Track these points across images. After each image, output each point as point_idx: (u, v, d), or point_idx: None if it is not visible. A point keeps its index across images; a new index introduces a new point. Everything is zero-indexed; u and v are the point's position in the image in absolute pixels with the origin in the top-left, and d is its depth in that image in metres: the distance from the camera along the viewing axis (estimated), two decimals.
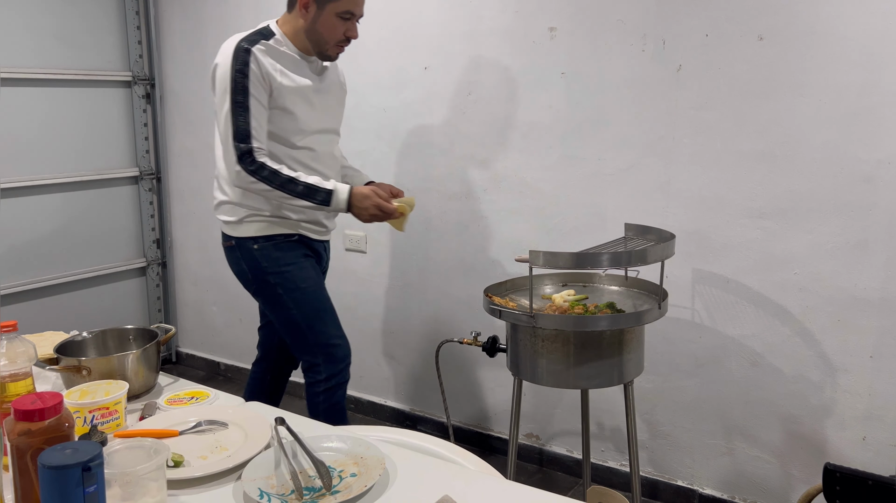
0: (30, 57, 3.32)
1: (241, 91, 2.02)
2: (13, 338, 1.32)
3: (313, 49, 2.16)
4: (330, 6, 2.09)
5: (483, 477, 1.28)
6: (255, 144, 2.05)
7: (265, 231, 2.19)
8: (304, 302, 2.23)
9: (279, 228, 2.20)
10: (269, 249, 2.20)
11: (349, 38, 2.15)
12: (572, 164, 2.60)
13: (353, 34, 2.14)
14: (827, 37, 2.11)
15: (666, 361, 2.53)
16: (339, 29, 2.12)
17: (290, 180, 2.05)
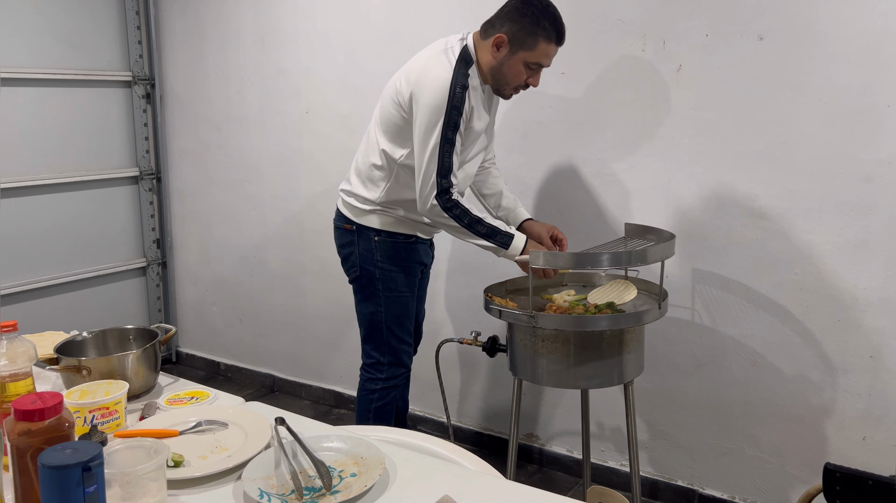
0: (30, 57, 3.32)
1: (453, 128, 2.04)
2: (13, 338, 1.32)
3: (493, 85, 2.15)
4: (521, 54, 2.06)
5: (483, 477, 1.28)
6: (455, 181, 2.08)
7: (390, 227, 2.24)
8: (396, 305, 2.30)
9: (403, 228, 2.25)
10: (388, 245, 2.26)
11: (528, 85, 2.14)
12: (572, 164, 2.60)
13: (534, 83, 2.12)
14: (827, 37, 2.11)
15: (666, 361, 2.53)
16: (524, 76, 2.10)
17: (477, 221, 2.08)
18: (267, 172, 3.47)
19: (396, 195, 2.21)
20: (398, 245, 2.27)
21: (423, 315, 2.59)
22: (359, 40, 3.03)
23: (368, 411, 2.35)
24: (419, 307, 2.52)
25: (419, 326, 2.56)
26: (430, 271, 2.52)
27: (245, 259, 3.63)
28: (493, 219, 2.13)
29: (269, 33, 3.31)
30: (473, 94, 2.07)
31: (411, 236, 2.28)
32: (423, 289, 2.52)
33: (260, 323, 3.67)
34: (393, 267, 2.28)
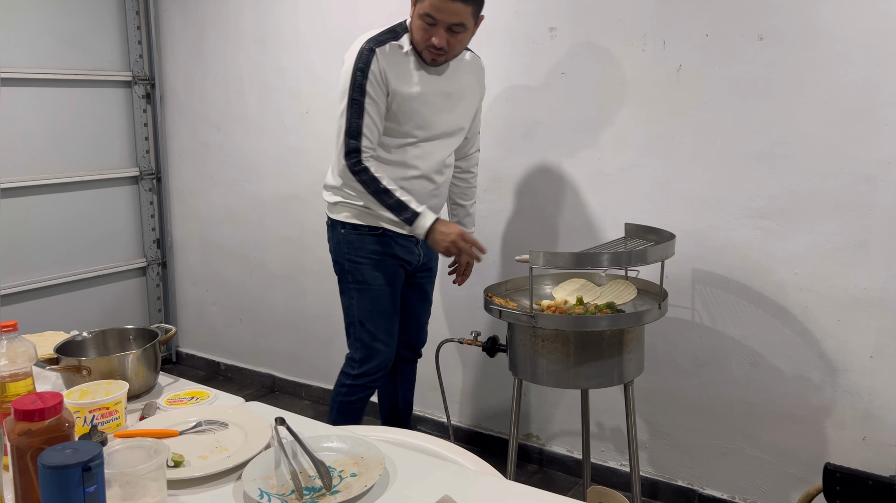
0: (30, 57, 3.32)
1: (359, 90, 2.05)
2: (13, 338, 1.32)
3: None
4: (418, 6, 2.03)
5: (483, 477, 1.28)
6: (365, 144, 2.08)
7: (353, 219, 2.22)
8: (365, 298, 2.27)
9: (367, 219, 2.21)
10: (353, 238, 2.24)
11: (440, 48, 2.04)
12: (572, 164, 2.60)
13: (437, 41, 2.02)
14: (827, 37, 2.11)
15: (666, 361, 2.53)
16: (424, 33, 2.04)
17: (385, 191, 2.08)
18: (267, 172, 3.46)
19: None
20: (363, 237, 2.23)
21: (426, 317, 2.53)
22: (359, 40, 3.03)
23: (334, 403, 2.35)
24: (419, 308, 2.47)
25: (420, 328, 2.51)
26: (428, 275, 2.45)
27: (245, 259, 3.63)
28: (405, 194, 2.10)
29: (269, 33, 3.31)
30: (391, 57, 2.06)
31: (377, 228, 2.22)
32: (422, 289, 2.46)
33: (260, 323, 3.67)
34: (360, 259, 2.25)
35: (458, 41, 2.07)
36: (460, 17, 2.01)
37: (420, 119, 2.14)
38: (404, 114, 2.11)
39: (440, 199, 2.30)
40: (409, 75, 2.10)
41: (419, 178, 2.20)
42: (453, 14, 1.99)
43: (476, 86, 2.31)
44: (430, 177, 2.22)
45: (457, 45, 2.07)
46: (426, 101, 2.13)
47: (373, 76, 2.05)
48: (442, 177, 2.27)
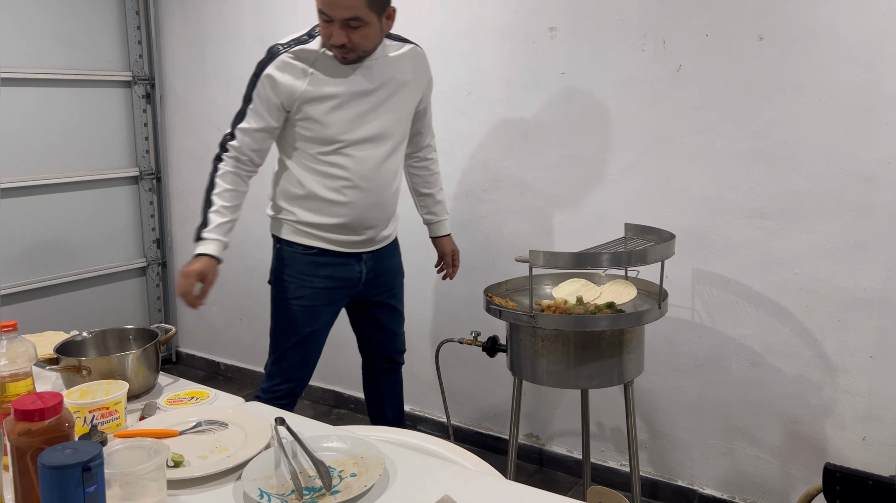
0: (29, 57, 3.32)
1: (247, 97, 2.06)
2: (13, 338, 1.32)
3: None
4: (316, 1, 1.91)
5: (483, 477, 1.28)
6: (235, 143, 2.06)
7: (289, 236, 2.16)
8: (282, 315, 2.19)
9: (300, 237, 2.14)
10: (285, 254, 2.17)
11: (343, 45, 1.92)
12: (572, 164, 2.60)
13: (333, 39, 1.90)
14: (827, 37, 2.11)
15: (666, 361, 2.53)
16: (325, 30, 1.92)
17: (207, 198, 2.06)
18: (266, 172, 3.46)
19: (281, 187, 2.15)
20: (294, 255, 2.15)
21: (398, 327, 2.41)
22: None
23: None
24: (387, 321, 2.36)
25: (391, 337, 2.40)
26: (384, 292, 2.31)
27: (245, 259, 3.63)
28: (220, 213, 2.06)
29: (269, 33, 3.31)
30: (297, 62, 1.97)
31: (311, 248, 2.13)
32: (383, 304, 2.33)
33: (260, 323, 3.66)
34: (285, 277, 2.16)
35: (363, 37, 1.92)
36: (352, 11, 1.86)
37: (339, 124, 2.02)
38: (320, 119, 2.01)
39: (385, 209, 2.16)
40: (320, 79, 1.99)
41: (350, 188, 2.07)
42: (344, 8, 1.85)
43: (411, 79, 2.14)
44: (361, 186, 2.07)
45: (362, 41, 1.92)
46: (344, 104, 2.01)
47: (262, 85, 2.00)
48: (378, 184, 2.11)
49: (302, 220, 2.12)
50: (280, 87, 1.99)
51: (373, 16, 1.91)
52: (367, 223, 2.14)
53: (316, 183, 2.07)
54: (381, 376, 2.47)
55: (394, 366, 2.47)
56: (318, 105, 2.00)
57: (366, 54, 1.99)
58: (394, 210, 2.24)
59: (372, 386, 2.50)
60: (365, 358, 2.47)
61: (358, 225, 2.13)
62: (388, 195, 2.17)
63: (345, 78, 2.01)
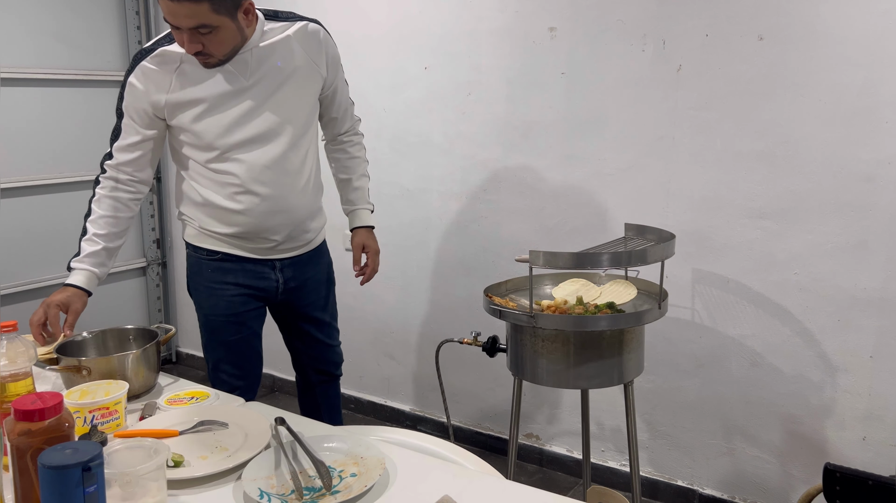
0: (30, 57, 3.32)
1: (119, 100, 1.91)
2: (13, 338, 1.32)
3: None
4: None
5: (483, 477, 1.28)
6: (111, 162, 1.94)
7: (194, 240, 2.01)
8: (205, 325, 2.07)
9: (204, 241, 1.99)
10: (194, 260, 2.04)
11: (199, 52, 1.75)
12: (572, 164, 2.60)
13: (186, 48, 1.73)
14: (827, 37, 2.11)
15: (666, 361, 2.53)
16: (177, 37, 1.74)
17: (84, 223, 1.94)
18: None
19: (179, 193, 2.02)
20: (200, 262, 2.01)
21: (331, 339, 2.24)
22: (359, 40, 3.03)
23: None
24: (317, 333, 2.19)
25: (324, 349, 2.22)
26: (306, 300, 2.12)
27: None
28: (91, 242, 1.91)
29: None
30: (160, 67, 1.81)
31: (216, 252, 1.98)
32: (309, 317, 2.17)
33: None
34: (197, 285, 2.04)
35: (217, 42, 1.73)
36: (197, 20, 1.67)
37: (213, 129, 1.85)
38: (190, 127, 1.86)
39: (290, 214, 1.97)
40: (185, 83, 1.83)
41: (243, 194, 1.90)
42: (187, 17, 1.66)
43: (302, 63, 1.92)
44: (256, 191, 1.90)
45: (217, 46, 1.74)
46: (214, 107, 1.84)
47: (128, 96, 1.87)
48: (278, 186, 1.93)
49: (204, 226, 1.97)
50: (144, 98, 1.85)
51: (223, 18, 1.71)
52: (271, 230, 1.96)
53: (210, 191, 1.92)
54: (318, 389, 2.27)
55: (330, 379, 2.28)
56: (187, 112, 1.84)
57: (229, 56, 1.80)
58: (308, 214, 2.03)
59: (308, 400, 2.30)
60: (299, 372, 2.29)
61: (259, 232, 1.95)
62: (296, 198, 1.97)
63: (211, 79, 1.83)
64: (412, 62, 2.90)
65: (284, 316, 2.18)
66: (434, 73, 2.86)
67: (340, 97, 2.12)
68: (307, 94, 1.97)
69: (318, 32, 1.97)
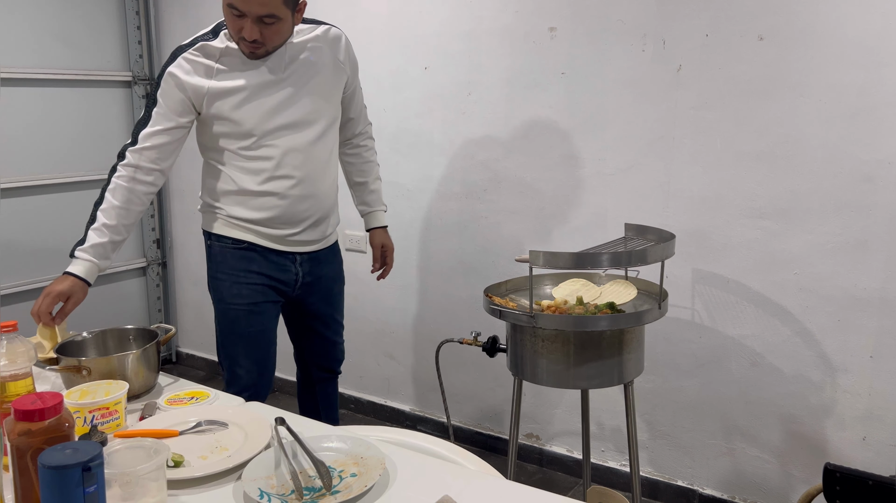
0: (30, 57, 3.32)
1: (155, 90, 1.96)
2: (13, 338, 1.32)
3: None
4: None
5: (483, 477, 1.28)
6: (134, 149, 1.94)
7: (218, 230, 2.06)
8: (225, 318, 2.09)
9: (230, 230, 2.04)
10: (216, 250, 2.07)
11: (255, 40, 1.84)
12: (572, 164, 2.60)
13: (246, 34, 1.82)
14: (827, 37, 2.11)
15: (666, 361, 2.53)
16: (234, 24, 1.83)
17: (94, 210, 1.93)
18: None
19: (209, 184, 2.07)
20: (225, 251, 2.05)
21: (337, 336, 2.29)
22: (359, 39, 3.03)
23: None
24: (323, 330, 2.25)
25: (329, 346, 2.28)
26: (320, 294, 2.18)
27: None
28: (100, 232, 1.92)
29: None
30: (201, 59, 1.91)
31: (242, 241, 2.04)
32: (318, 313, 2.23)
33: None
34: (219, 274, 2.07)
35: (275, 32, 1.85)
36: (268, 8, 1.79)
37: (252, 116, 1.95)
38: (230, 115, 1.94)
39: (319, 200, 2.07)
40: (226, 74, 1.92)
41: (279, 179, 1.99)
42: (261, 5, 1.77)
43: (329, 61, 2.05)
44: (290, 174, 2.00)
45: (274, 37, 1.86)
46: (253, 95, 1.93)
47: (166, 84, 1.92)
48: (309, 172, 2.03)
49: (233, 214, 2.03)
50: (185, 84, 1.91)
51: (287, 12, 1.84)
52: (300, 215, 2.04)
53: (245, 178, 1.99)
54: (318, 387, 2.32)
55: (331, 376, 2.34)
56: (227, 100, 1.93)
57: (275, 49, 1.92)
58: (330, 207, 2.13)
59: (308, 396, 2.35)
60: (301, 367, 2.35)
61: (291, 217, 2.03)
62: (323, 186, 2.07)
63: (251, 70, 1.93)
64: (412, 62, 2.90)
65: (294, 312, 2.23)
66: (434, 73, 2.86)
67: (358, 99, 2.24)
68: (335, 89, 2.09)
69: (341, 37, 2.11)
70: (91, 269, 1.95)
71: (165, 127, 1.97)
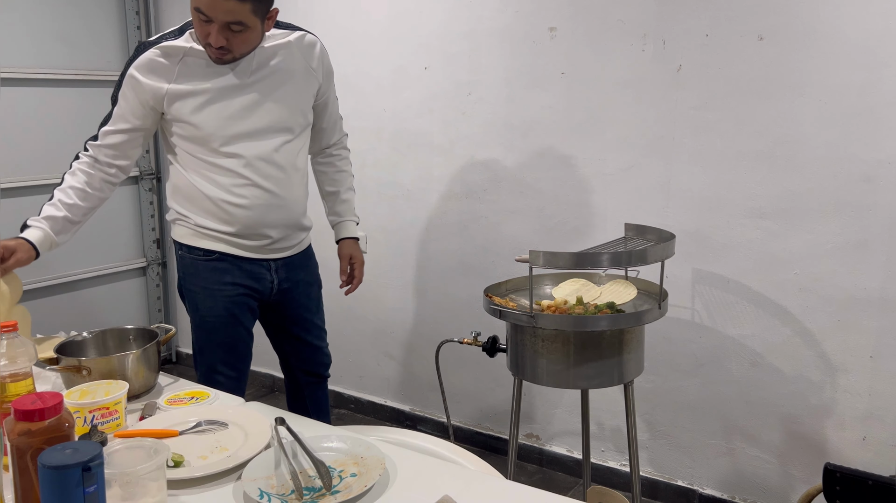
0: (30, 57, 3.32)
1: (116, 89, 1.95)
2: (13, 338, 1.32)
3: None
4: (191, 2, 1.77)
5: (483, 477, 1.28)
6: (95, 143, 1.94)
7: (188, 240, 2.00)
8: (202, 329, 2.07)
9: (201, 241, 1.98)
10: (188, 261, 2.02)
11: (221, 47, 1.78)
12: (572, 164, 2.60)
13: (211, 39, 1.76)
14: (827, 37, 2.11)
15: (666, 361, 2.53)
16: (201, 29, 1.77)
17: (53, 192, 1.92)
18: None
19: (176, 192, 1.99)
20: (196, 262, 1.99)
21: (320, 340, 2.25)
22: (359, 40, 3.03)
23: None
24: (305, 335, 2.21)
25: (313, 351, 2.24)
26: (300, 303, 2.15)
27: None
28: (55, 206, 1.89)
29: None
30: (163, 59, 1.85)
31: (212, 252, 1.97)
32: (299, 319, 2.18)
33: None
34: (193, 287, 2.02)
35: (242, 40, 1.80)
36: (236, 16, 1.73)
37: (213, 121, 1.88)
38: (189, 119, 1.88)
39: (288, 210, 2.01)
40: (188, 76, 1.86)
41: (243, 187, 1.92)
42: (227, 12, 1.72)
43: (299, 68, 1.98)
44: (256, 182, 1.93)
45: (241, 44, 1.81)
46: (214, 100, 1.87)
47: (126, 86, 1.90)
48: (276, 181, 1.96)
49: (201, 224, 1.96)
50: (144, 86, 1.87)
51: (256, 20, 1.78)
52: (268, 225, 1.98)
53: (208, 186, 1.92)
54: (307, 391, 2.28)
55: (319, 380, 2.29)
56: (186, 102, 1.87)
57: (243, 56, 1.86)
58: (300, 214, 2.08)
59: (297, 402, 2.30)
60: (287, 373, 2.31)
61: (258, 227, 1.96)
62: (291, 194, 2.01)
63: (215, 73, 1.87)
64: (412, 62, 2.90)
65: (274, 319, 2.19)
66: (434, 73, 2.86)
67: (331, 109, 2.16)
68: (304, 97, 2.02)
69: (315, 43, 2.03)
70: (42, 238, 1.90)
71: (122, 128, 1.95)
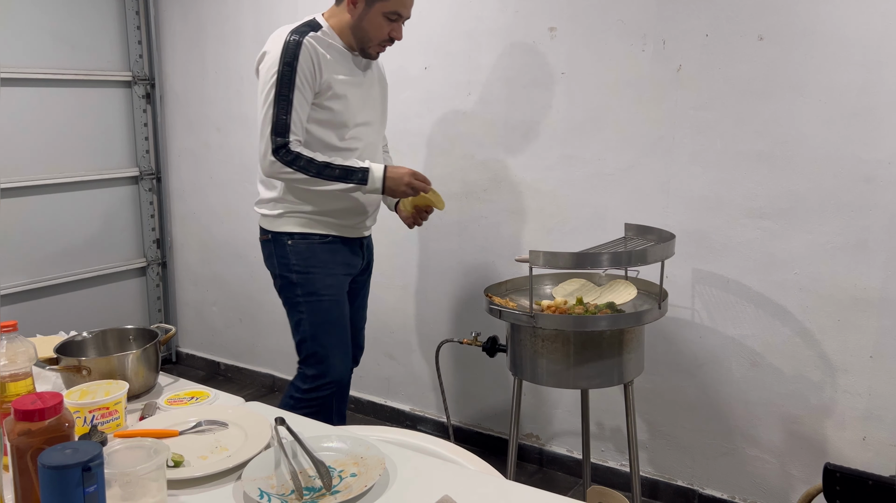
0: (30, 57, 3.32)
1: (287, 84, 2.04)
2: (13, 338, 1.32)
3: (356, 45, 2.14)
4: (378, 5, 2.07)
5: (483, 477, 1.28)
6: (293, 137, 2.05)
7: (302, 228, 2.18)
8: (318, 310, 2.20)
9: (316, 227, 2.18)
10: (302, 247, 2.19)
11: (392, 39, 2.14)
12: (572, 164, 2.60)
13: (397, 35, 2.13)
14: (827, 37, 2.11)
15: (666, 361, 2.53)
16: (385, 29, 2.11)
17: (326, 165, 2.05)
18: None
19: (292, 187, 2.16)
20: (313, 246, 2.19)
21: (363, 321, 2.48)
22: None
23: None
24: (357, 315, 2.42)
25: (358, 332, 2.45)
26: (367, 277, 2.43)
27: (245, 259, 3.63)
28: (344, 159, 2.09)
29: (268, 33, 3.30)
30: (320, 48, 2.06)
31: (326, 236, 2.20)
32: (362, 295, 2.42)
33: (260, 323, 3.67)
34: (309, 270, 2.19)
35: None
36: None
37: (350, 107, 2.14)
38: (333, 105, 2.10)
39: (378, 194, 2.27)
40: (338, 65, 2.11)
41: None
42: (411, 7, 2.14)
43: (384, 79, 2.35)
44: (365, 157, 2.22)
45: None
46: (351, 88, 2.14)
47: (301, 70, 2.03)
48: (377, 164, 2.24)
49: (319, 210, 2.17)
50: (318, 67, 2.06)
51: None
52: (372, 202, 2.27)
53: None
54: None
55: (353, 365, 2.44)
56: (331, 90, 2.10)
57: None
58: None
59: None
60: None
61: (369, 205, 2.25)
62: None
63: (347, 65, 2.15)
64: (412, 62, 2.90)
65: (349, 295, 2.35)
66: (434, 73, 2.86)
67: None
68: (386, 100, 2.36)
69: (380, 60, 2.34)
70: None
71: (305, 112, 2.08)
